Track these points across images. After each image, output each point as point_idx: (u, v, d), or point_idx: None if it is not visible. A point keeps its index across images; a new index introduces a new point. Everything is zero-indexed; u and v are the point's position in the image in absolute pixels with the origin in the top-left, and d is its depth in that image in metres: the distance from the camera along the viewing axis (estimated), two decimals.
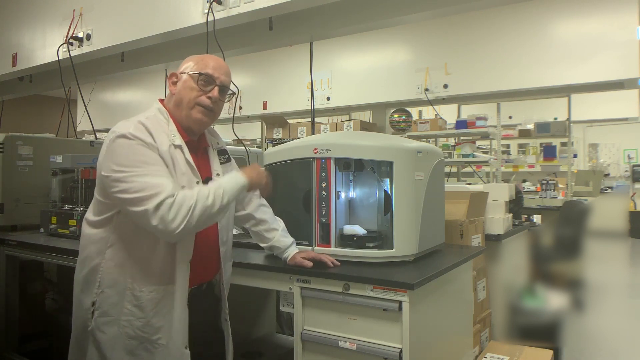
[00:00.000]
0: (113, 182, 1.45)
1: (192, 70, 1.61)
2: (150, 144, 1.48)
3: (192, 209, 1.43)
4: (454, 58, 4.92)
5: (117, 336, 1.50)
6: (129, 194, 1.42)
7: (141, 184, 1.42)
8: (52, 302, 3.26)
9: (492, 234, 2.85)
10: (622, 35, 4.15)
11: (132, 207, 1.43)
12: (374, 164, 1.97)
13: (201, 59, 1.64)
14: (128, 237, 1.52)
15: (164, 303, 1.52)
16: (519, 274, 3.37)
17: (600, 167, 9.65)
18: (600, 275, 5.46)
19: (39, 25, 3.85)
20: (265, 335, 2.95)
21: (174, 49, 3.50)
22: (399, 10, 2.68)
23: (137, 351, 1.50)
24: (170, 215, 1.40)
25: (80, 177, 2.74)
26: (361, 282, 1.70)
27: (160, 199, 1.40)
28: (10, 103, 5.32)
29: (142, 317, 1.50)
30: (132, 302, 1.50)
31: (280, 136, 5.72)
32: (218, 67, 1.63)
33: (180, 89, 1.62)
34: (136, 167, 1.44)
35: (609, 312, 4.52)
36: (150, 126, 1.52)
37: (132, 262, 1.52)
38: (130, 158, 1.45)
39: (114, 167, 1.45)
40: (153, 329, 1.50)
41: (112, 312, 1.51)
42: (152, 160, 1.47)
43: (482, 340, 2.68)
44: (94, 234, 1.57)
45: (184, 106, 1.60)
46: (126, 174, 1.43)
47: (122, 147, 1.46)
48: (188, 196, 1.44)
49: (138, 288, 1.50)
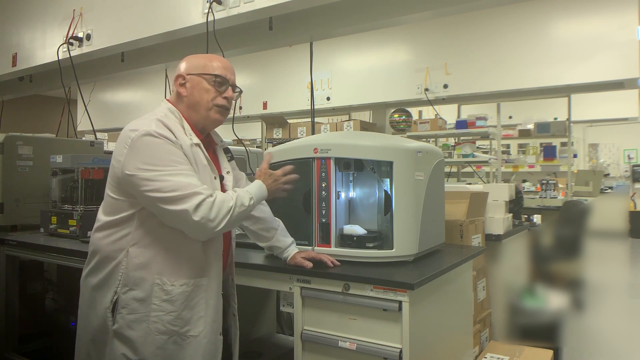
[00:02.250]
0: (142, 181, 1.45)
1: (204, 72, 1.61)
2: (176, 142, 1.50)
3: (232, 210, 1.51)
4: (454, 58, 4.92)
5: (147, 332, 1.50)
6: (162, 193, 1.44)
7: (175, 183, 1.44)
8: (52, 302, 3.27)
9: (492, 234, 2.85)
10: (622, 35, 4.15)
11: (168, 206, 1.44)
12: (374, 164, 1.97)
13: (209, 60, 1.65)
14: (154, 233, 1.52)
15: (193, 295, 1.54)
16: (519, 274, 3.37)
17: (600, 167, 9.65)
18: (600, 275, 5.45)
19: (39, 25, 3.85)
20: (265, 335, 2.95)
21: (174, 49, 3.50)
22: (399, 10, 2.68)
23: (166, 346, 1.51)
24: (212, 215, 1.46)
25: (80, 177, 2.73)
26: (361, 282, 1.70)
27: (200, 198, 1.44)
28: (10, 103, 5.32)
29: (172, 310, 1.51)
30: (161, 297, 1.51)
31: (280, 136, 5.72)
32: (228, 67, 1.66)
33: (192, 91, 1.62)
34: (167, 166, 1.46)
35: (609, 312, 4.52)
36: (169, 124, 1.54)
37: (159, 258, 1.52)
38: (159, 156, 1.46)
39: (141, 165, 1.45)
40: (183, 321, 1.52)
41: (140, 309, 1.51)
42: (180, 158, 1.50)
43: (482, 340, 2.68)
44: (111, 234, 1.56)
45: (201, 108, 1.62)
46: (157, 173, 1.45)
47: (149, 145, 1.47)
48: (227, 198, 1.52)
49: (169, 282, 1.51)
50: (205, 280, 1.57)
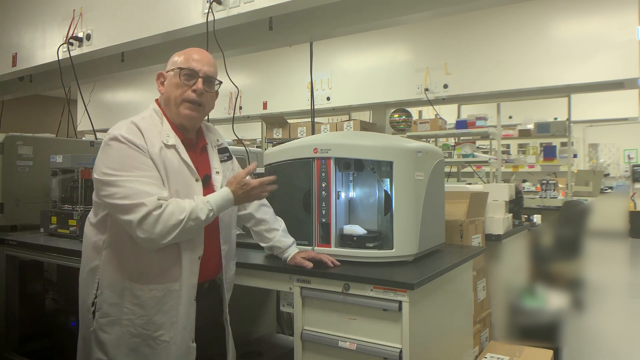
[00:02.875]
0: (102, 186, 1.46)
1: (175, 67, 1.61)
2: (142, 146, 1.47)
3: (182, 224, 1.43)
4: (454, 58, 4.92)
5: (120, 335, 1.50)
6: (115, 200, 1.43)
7: (128, 189, 1.42)
8: (52, 302, 3.27)
9: (492, 234, 2.85)
10: (622, 35, 4.15)
11: (118, 215, 1.44)
12: (374, 164, 1.97)
13: (183, 53, 1.64)
14: (121, 238, 1.52)
15: (166, 300, 1.52)
16: (519, 274, 3.37)
17: (600, 167, 9.64)
18: (600, 275, 5.45)
19: (39, 25, 3.85)
20: (265, 335, 2.95)
21: (174, 49, 3.45)
22: (399, 10, 2.68)
23: (140, 348, 1.51)
24: (156, 229, 1.41)
25: (80, 177, 2.74)
26: (361, 282, 1.70)
27: (145, 210, 1.40)
28: (10, 103, 5.32)
29: (143, 315, 1.50)
30: (132, 302, 1.50)
31: (280, 136, 5.71)
32: (199, 59, 1.62)
33: (166, 87, 1.63)
34: (125, 172, 1.44)
35: (609, 312, 4.52)
36: (143, 127, 1.52)
37: (128, 262, 1.52)
38: (120, 161, 1.45)
39: (104, 169, 1.46)
40: (155, 325, 1.51)
41: (113, 312, 1.51)
42: (142, 164, 1.46)
43: (482, 340, 2.68)
44: (92, 236, 1.58)
45: (172, 104, 1.60)
46: (114, 178, 1.44)
47: (113, 150, 1.47)
48: (178, 210, 1.44)
49: (137, 287, 1.51)
50: (177, 286, 1.54)
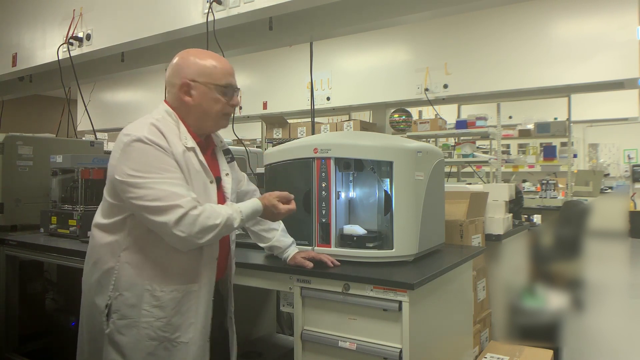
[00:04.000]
0: (129, 187, 1.44)
1: (213, 82, 1.57)
2: (166, 148, 1.48)
3: (217, 228, 1.47)
4: (454, 58, 4.92)
5: (138, 338, 1.49)
6: (146, 202, 1.42)
7: (159, 191, 1.42)
8: (52, 302, 3.27)
9: (492, 234, 2.85)
10: (622, 35, 4.15)
11: (150, 216, 1.43)
12: (374, 164, 1.97)
13: (212, 64, 1.59)
14: (143, 239, 1.51)
15: (185, 301, 1.53)
16: (519, 274, 3.37)
17: (600, 167, 9.64)
18: (600, 275, 5.45)
19: (39, 25, 3.85)
20: (265, 335, 2.95)
21: (174, 49, 3.45)
22: (399, 10, 2.68)
23: (157, 351, 1.50)
24: (195, 230, 1.43)
25: (80, 177, 2.73)
26: (361, 282, 1.70)
27: (181, 212, 1.41)
28: (10, 103, 5.32)
29: (162, 317, 1.50)
30: (152, 303, 1.49)
31: (280, 136, 5.71)
32: (231, 71, 1.62)
33: (200, 100, 1.57)
34: (154, 174, 1.43)
35: (609, 312, 4.52)
36: (163, 129, 1.51)
37: (150, 264, 1.51)
38: (147, 163, 1.44)
39: (129, 171, 1.44)
40: (173, 327, 1.51)
41: (131, 314, 1.50)
42: (169, 166, 1.47)
43: (482, 340, 2.68)
44: (105, 237, 1.56)
45: (210, 118, 1.60)
46: (143, 180, 1.43)
47: (138, 152, 1.45)
48: (214, 215, 1.47)
49: (158, 289, 1.50)
50: (196, 287, 1.55)
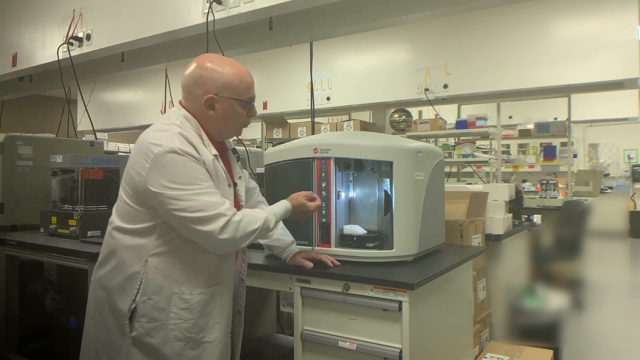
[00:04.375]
0: (168, 200, 1.46)
1: (237, 97, 1.60)
2: (198, 158, 1.51)
3: (256, 232, 1.55)
4: (454, 58, 4.92)
5: (166, 340, 1.52)
6: (189, 213, 1.46)
7: (200, 202, 1.46)
8: (52, 302, 3.26)
9: (492, 234, 2.85)
10: (622, 35, 4.15)
11: (195, 226, 1.47)
12: (374, 164, 1.97)
13: (238, 78, 1.61)
14: (174, 245, 1.54)
15: (209, 303, 1.57)
16: (519, 274, 3.37)
17: (600, 167, 9.65)
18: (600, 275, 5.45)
19: (39, 25, 3.85)
20: (265, 335, 2.95)
21: (174, 49, 3.50)
22: (399, 10, 2.68)
23: (183, 352, 1.53)
24: (238, 235, 1.50)
25: (80, 177, 2.73)
26: (361, 282, 1.70)
27: (225, 220, 1.47)
28: (10, 103, 5.32)
29: (190, 318, 1.53)
30: (180, 306, 1.53)
31: (280, 136, 5.72)
32: (253, 83, 1.67)
33: (223, 114, 1.60)
34: (192, 185, 1.47)
35: (609, 312, 4.52)
36: (191, 139, 1.53)
37: (178, 268, 1.54)
38: (184, 174, 1.47)
39: (167, 184, 1.46)
40: (199, 328, 1.55)
41: (160, 317, 1.52)
42: (204, 176, 1.51)
43: (482, 340, 2.68)
44: (130, 240, 1.56)
45: (230, 129, 1.66)
46: (183, 192, 1.46)
47: (173, 164, 1.47)
48: (253, 220, 1.55)
49: (187, 292, 1.53)
50: (220, 288, 1.61)
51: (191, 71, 1.61)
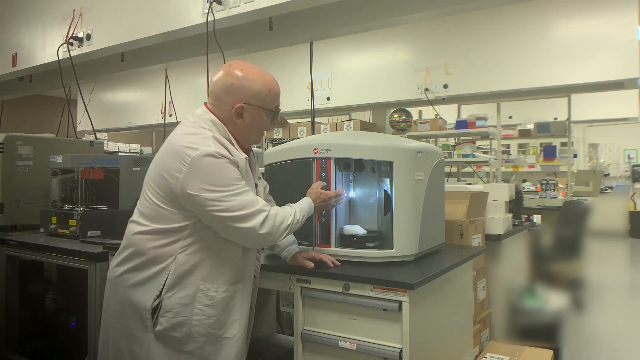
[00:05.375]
0: (208, 202, 1.50)
1: (265, 106, 1.65)
2: (234, 162, 1.56)
3: (290, 227, 1.64)
4: (454, 58, 4.92)
5: (189, 334, 1.56)
6: (231, 212, 1.52)
7: (240, 202, 1.53)
8: (52, 302, 3.26)
9: (492, 234, 2.85)
10: (622, 35, 4.15)
11: (235, 224, 1.52)
12: (374, 164, 1.97)
13: (267, 88, 1.65)
14: (202, 242, 1.58)
15: (231, 299, 1.62)
16: (519, 274, 3.37)
17: (600, 167, 9.65)
18: (600, 275, 5.45)
19: (39, 25, 3.85)
20: (265, 335, 2.95)
21: (174, 49, 3.50)
22: (399, 10, 2.68)
23: (204, 346, 1.58)
24: (274, 229, 1.59)
25: (80, 177, 2.73)
26: (361, 282, 1.70)
27: (264, 215, 1.56)
28: (10, 103, 5.32)
29: (213, 315, 1.58)
30: (204, 302, 1.57)
31: (280, 136, 5.72)
32: (279, 92, 1.71)
33: (250, 122, 1.65)
34: (231, 186, 1.53)
35: (609, 312, 4.52)
36: (223, 142, 1.59)
37: (205, 264, 1.58)
38: (222, 177, 1.53)
39: (205, 186, 1.50)
40: (220, 324, 1.59)
41: (184, 313, 1.56)
42: (239, 176, 1.57)
43: (482, 340, 2.69)
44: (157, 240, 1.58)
45: (254, 136, 1.71)
46: (222, 194, 1.51)
47: (212, 167, 1.52)
48: (286, 215, 1.64)
49: (212, 288, 1.58)
50: (242, 286, 1.65)
51: (221, 78, 1.64)
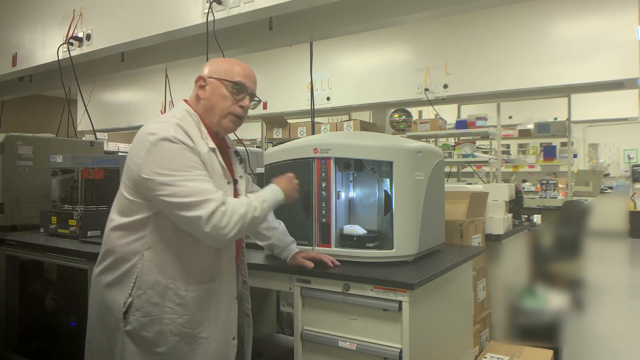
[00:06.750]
0: (159, 185, 1.46)
1: (224, 77, 1.62)
2: (193, 148, 1.51)
3: (243, 218, 1.50)
4: (454, 58, 4.92)
5: (161, 334, 1.52)
6: (178, 198, 1.45)
7: (190, 188, 1.45)
8: (52, 302, 3.26)
9: (492, 234, 2.85)
10: (622, 35, 4.15)
11: (182, 212, 1.46)
12: (374, 164, 1.97)
13: (232, 65, 1.65)
14: (168, 238, 1.54)
15: (206, 299, 1.57)
16: (519, 274, 3.37)
17: (600, 167, 9.65)
18: (600, 275, 5.46)
19: (39, 25, 3.85)
20: (265, 335, 2.95)
21: (174, 49, 3.50)
22: (399, 10, 2.68)
23: (178, 346, 1.53)
24: (223, 223, 1.46)
25: (80, 177, 2.73)
26: (361, 282, 1.70)
27: (213, 206, 1.45)
28: (10, 103, 5.32)
29: (185, 314, 1.53)
30: (175, 301, 1.53)
31: (280, 136, 5.72)
32: (249, 75, 1.67)
33: (210, 94, 1.63)
34: (184, 172, 1.47)
35: (609, 312, 4.52)
36: (187, 129, 1.54)
37: (173, 262, 1.54)
38: (176, 161, 1.48)
39: (158, 170, 1.46)
40: (195, 323, 1.55)
41: (155, 312, 1.53)
42: (197, 164, 1.50)
43: (482, 340, 2.69)
44: (125, 235, 1.56)
45: (216, 114, 1.63)
46: (174, 178, 1.46)
47: (167, 151, 1.48)
48: (238, 205, 1.51)
49: (183, 287, 1.53)
50: (217, 285, 1.59)
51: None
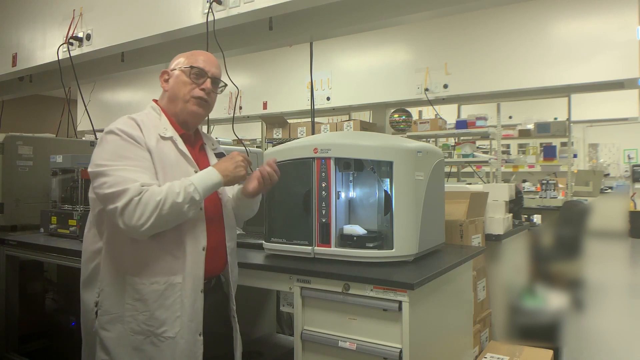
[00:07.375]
0: (94, 177, 1.47)
1: (184, 65, 1.66)
2: (137, 138, 1.50)
3: (160, 206, 1.41)
4: (454, 58, 4.92)
5: (123, 333, 1.49)
6: (103, 189, 1.43)
7: (116, 177, 1.42)
8: (52, 302, 3.27)
9: (492, 234, 2.85)
10: (622, 35, 4.15)
11: (105, 204, 1.45)
12: (374, 164, 1.97)
13: (191, 54, 1.70)
14: (119, 231, 1.48)
15: (168, 294, 1.50)
16: (519, 274, 3.37)
17: (600, 167, 9.66)
18: (600, 275, 5.46)
19: (39, 25, 3.85)
20: (265, 335, 2.95)
21: (174, 49, 3.49)
22: (399, 10, 2.68)
23: (143, 346, 1.49)
24: (136, 215, 1.39)
25: (80, 177, 2.74)
26: (361, 282, 1.70)
27: (128, 197, 1.39)
28: (10, 103, 5.32)
29: (145, 310, 1.49)
30: (133, 297, 1.49)
31: (280, 136, 5.72)
32: (208, 60, 1.69)
33: (172, 84, 1.67)
34: (116, 161, 1.45)
35: (609, 312, 4.52)
36: (140, 120, 1.56)
37: (129, 257, 1.51)
38: (112, 152, 1.47)
39: (95, 161, 1.48)
40: (158, 321, 1.49)
41: (115, 310, 1.50)
42: (134, 155, 1.48)
43: (482, 340, 2.69)
44: (90, 234, 1.59)
45: (179, 100, 1.65)
46: (105, 169, 1.45)
47: (107, 143, 1.50)
48: (155, 193, 1.42)
49: (139, 281, 1.49)
50: (180, 279, 1.51)
51: None
